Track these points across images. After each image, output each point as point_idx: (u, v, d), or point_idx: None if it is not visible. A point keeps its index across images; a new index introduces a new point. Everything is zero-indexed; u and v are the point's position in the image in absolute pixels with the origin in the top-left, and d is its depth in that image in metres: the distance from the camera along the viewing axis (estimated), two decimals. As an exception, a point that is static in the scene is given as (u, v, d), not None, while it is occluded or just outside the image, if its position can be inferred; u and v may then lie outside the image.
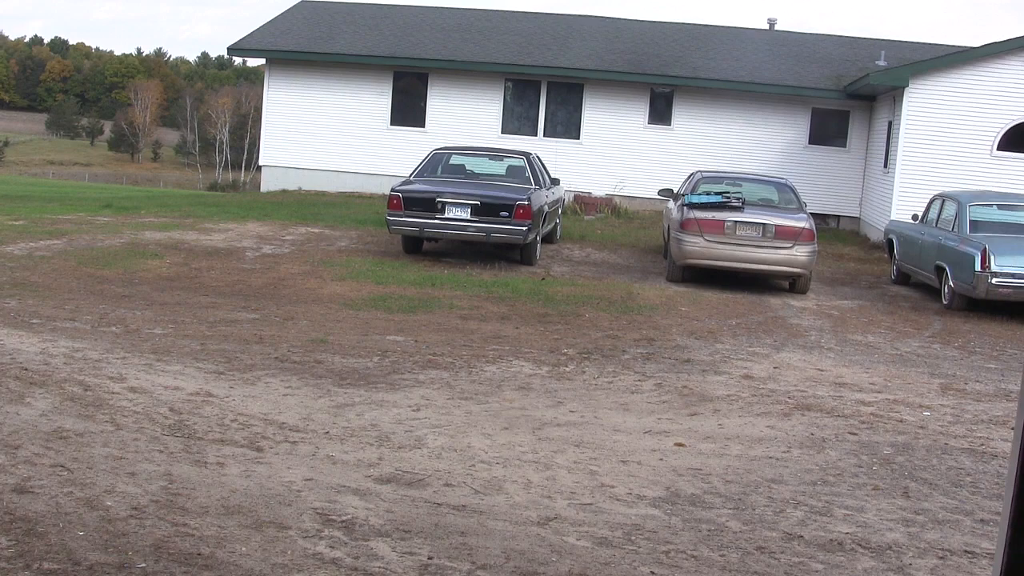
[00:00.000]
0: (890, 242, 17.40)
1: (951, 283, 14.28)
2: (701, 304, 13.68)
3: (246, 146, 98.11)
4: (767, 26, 30.80)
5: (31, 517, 5.16)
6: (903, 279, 16.76)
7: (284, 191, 26.12)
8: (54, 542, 4.88)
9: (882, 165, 22.48)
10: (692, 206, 15.29)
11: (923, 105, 20.55)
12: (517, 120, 26.17)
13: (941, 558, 5.42)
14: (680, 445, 7.19)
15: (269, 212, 20.90)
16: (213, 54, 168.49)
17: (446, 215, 15.37)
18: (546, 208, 16.67)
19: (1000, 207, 15.38)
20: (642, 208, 24.02)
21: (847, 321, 13.23)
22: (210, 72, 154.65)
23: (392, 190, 15.82)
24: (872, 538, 5.63)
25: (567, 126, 26.05)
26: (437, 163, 17.36)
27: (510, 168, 17.42)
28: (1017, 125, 20.30)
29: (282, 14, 29.56)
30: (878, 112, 23.92)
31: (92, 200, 26.01)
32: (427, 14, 29.60)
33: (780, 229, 14.88)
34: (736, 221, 14.94)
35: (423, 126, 26.06)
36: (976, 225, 14.56)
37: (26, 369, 8.11)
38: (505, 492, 6.04)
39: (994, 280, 13.47)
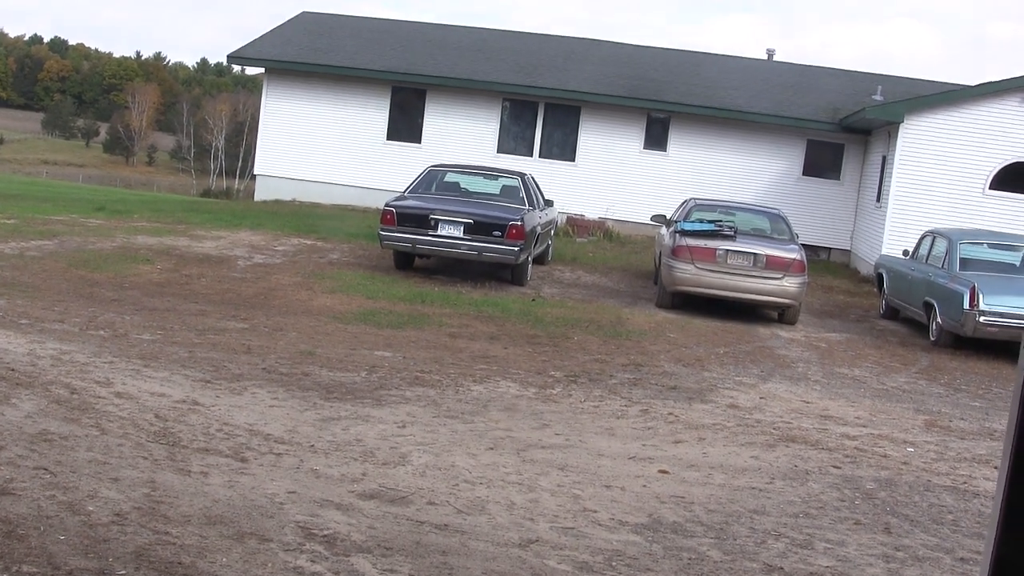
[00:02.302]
0: (880, 276, 17.47)
1: (939, 319, 14.34)
2: (690, 331, 13.71)
3: (241, 154, 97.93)
4: (765, 56, 30.98)
5: (12, 519, 5.15)
6: (892, 314, 16.82)
7: (278, 201, 26.12)
8: (34, 545, 4.87)
9: (875, 199, 22.59)
10: (684, 233, 15.35)
11: (917, 141, 20.67)
12: (513, 140, 26.22)
13: (920, 595, 5.43)
14: (664, 472, 7.20)
15: (262, 221, 20.90)
16: (212, 60, 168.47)
17: (439, 232, 15.39)
18: (539, 229, 16.71)
19: (990, 246, 15.45)
20: (634, 233, 24.06)
21: (834, 354, 13.27)
22: (208, 78, 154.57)
23: (386, 205, 15.84)
24: (852, 573, 5.64)
25: (563, 148, 26.12)
26: (432, 180, 17.40)
27: (504, 188, 17.46)
28: (1010, 164, 20.43)
29: (283, 24, 29.62)
30: (873, 146, 24.05)
31: (85, 202, 25.96)
32: (428, 31, 29.72)
33: (771, 259, 14.94)
34: (728, 250, 15.00)
35: (419, 142, 26.10)
36: (966, 263, 14.64)
37: (13, 370, 8.09)
38: (488, 513, 6.04)
39: (982, 318, 13.52)
